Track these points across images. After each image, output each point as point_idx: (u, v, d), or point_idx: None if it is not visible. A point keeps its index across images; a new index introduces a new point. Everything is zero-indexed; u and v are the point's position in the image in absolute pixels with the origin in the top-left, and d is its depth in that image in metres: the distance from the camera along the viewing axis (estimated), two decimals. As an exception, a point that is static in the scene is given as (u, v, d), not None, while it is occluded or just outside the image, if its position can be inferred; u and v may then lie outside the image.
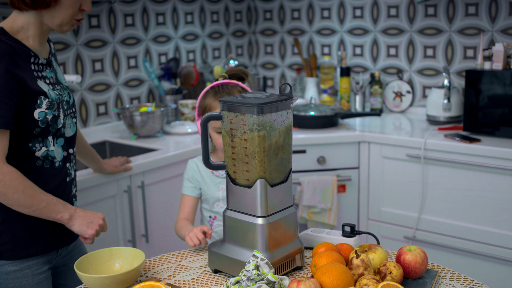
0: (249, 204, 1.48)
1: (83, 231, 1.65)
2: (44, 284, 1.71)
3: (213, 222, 1.95)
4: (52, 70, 1.69)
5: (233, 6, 3.78)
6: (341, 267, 1.36)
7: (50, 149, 1.66)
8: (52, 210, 1.61)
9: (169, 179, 2.58)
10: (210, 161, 1.53)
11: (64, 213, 1.63)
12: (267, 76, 3.91)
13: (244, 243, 1.49)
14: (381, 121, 3.19)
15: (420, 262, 1.44)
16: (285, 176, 1.51)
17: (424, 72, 3.32)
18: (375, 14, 3.42)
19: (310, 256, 1.64)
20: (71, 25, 1.66)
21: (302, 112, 3.04)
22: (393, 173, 2.85)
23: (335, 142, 2.92)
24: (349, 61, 3.57)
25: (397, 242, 2.87)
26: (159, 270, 1.58)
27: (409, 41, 3.33)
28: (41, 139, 1.63)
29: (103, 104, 3.09)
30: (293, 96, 1.47)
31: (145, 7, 3.23)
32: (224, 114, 1.47)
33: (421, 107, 3.35)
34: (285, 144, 1.49)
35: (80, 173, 2.25)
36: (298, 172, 2.92)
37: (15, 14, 1.62)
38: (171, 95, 3.22)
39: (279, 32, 3.82)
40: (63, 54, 2.87)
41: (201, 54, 3.60)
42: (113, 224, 2.39)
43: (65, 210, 1.63)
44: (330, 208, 2.90)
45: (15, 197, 1.55)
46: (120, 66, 3.15)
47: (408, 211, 2.83)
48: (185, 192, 1.94)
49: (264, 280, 1.35)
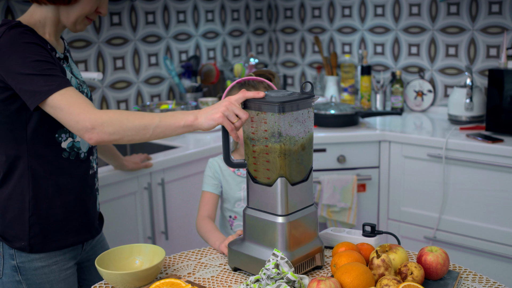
0: (269, 202, 1.47)
1: (211, 120, 1.45)
2: (70, 279, 1.73)
3: (233, 222, 1.95)
4: (68, 65, 1.70)
5: (254, 4, 3.78)
6: (361, 267, 1.35)
7: (76, 140, 1.67)
8: (171, 121, 1.48)
9: (189, 176, 2.59)
10: (230, 159, 1.53)
11: (187, 117, 1.47)
12: (287, 74, 3.91)
13: (264, 242, 1.49)
14: (402, 120, 3.16)
15: (442, 263, 1.43)
16: (306, 174, 1.51)
17: (446, 71, 3.29)
18: (396, 13, 3.40)
19: (330, 255, 1.63)
20: (84, 25, 1.67)
21: (322, 111, 3.03)
22: (414, 173, 2.82)
23: (356, 141, 2.90)
24: (370, 59, 3.55)
25: (417, 243, 2.85)
26: (179, 267, 1.58)
27: (431, 39, 3.30)
28: (67, 129, 1.64)
29: (124, 101, 3.11)
30: (314, 94, 1.47)
31: (166, 5, 3.24)
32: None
33: (443, 107, 3.32)
34: (306, 143, 1.48)
35: (101, 169, 2.27)
36: (318, 171, 2.91)
37: (33, 8, 1.63)
38: (191, 93, 3.23)
39: (300, 30, 3.81)
40: (84, 51, 2.90)
41: (222, 52, 3.60)
42: (133, 221, 2.41)
43: (187, 114, 1.48)
44: (350, 208, 2.89)
45: (126, 127, 1.47)
46: (141, 63, 3.17)
47: (429, 211, 2.81)
48: (206, 189, 1.93)
49: (284, 279, 1.35)
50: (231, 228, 1.96)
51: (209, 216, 1.88)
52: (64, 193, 1.67)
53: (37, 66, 1.49)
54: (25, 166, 1.62)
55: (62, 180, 1.66)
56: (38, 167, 1.62)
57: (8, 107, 1.57)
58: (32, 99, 1.49)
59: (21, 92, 1.50)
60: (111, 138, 1.48)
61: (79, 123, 1.47)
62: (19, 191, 1.63)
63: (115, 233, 2.32)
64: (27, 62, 1.49)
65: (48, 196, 1.64)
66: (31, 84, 1.48)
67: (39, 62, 1.50)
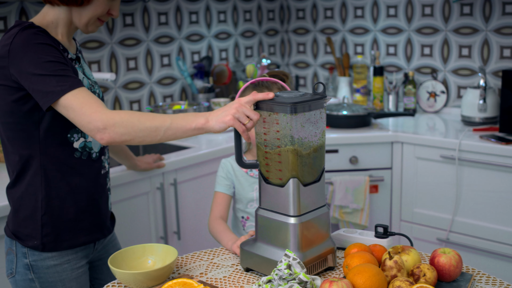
0: (281, 203, 1.47)
1: (221, 123, 1.46)
2: (82, 278, 1.74)
3: (245, 222, 1.95)
4: (80, 65, 1.72)
5: (266, 5, 3.78)
6: (374, 268, 1.35)
7: (88, 140, 1.69)
8: (182, 123, 1.49)
9: (201, 177, 2.59)
10: (243, 160, 1.53)
11: (198, 120, 1.48)
12: (299, 75, 3.91)
13: (276, 242, 1.49)
14: (414, 121, 3.15)
15: (455, 265, 1.42)
16: (318, 175, 1.51)
17: (459, 72, 3.27)
18: (409, 13, 3.39)
19: (342, 256, 1.63)
20: (96, 26, 1.69)
21: (334, 112, 3.03)
22: (427, 174, 2.81)
23: (368, 142, 2.90)
24: (383, 60, 3.54)
25: (430, 244, 2.84)
26: (191, 267, 1.59)
27: (444, 40, 3.29)
28: (79, 129, 1.65)
29: (136, 101, 3.12)
30: (326, 95, 1.47)
31: (178, 5, 3.25)
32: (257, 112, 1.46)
33: (456, 108, 3.30)
34: (318, 144, 1.48)
35: (114, 170, 2.28)
36: (330, 172, 2.91)
37: (46, 9, 1.65)
38: (203, 94, 3.23)
39: (312, 31, 3.81)
40: (97, 52, 2.91)
41: (234, 52, 3.60)
42: (146, 221, 2.42)
43: (198, 117, 1.49)
44: (362, 209, 2.88)
45: (138, 128, 1.49)
46: (153, 64, 3.18)
47: (442, 212, 2.79)
48: (219, 190, 1.94)
49: (296, 280, 1.35)
50: (244, 229, 1.97)
51: (222, 216, 1.88)
52: (76, 193, 1.68)
53: (50, 66, 1.51)
54: (37, 166, 1.63)
55: (74, 180, 1.67)
56: (51, 167, 1.64)
57: (21, 108, 1.58)
58: (45, 100, 1.50)
59: (34, 93, 1.51)
60: (122, 138, 1.49)
61: (91, 123, 1.48)
62: (32, 190, 1.64)
63: (128, 233, 2.33)
64: (40, 63, 1.50)
65: (60, 196, 1.66)
66: (44, 84, 1.49)
67: (52, 62, 1.51)
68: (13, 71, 1.52)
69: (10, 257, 1.69)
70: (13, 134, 1.62)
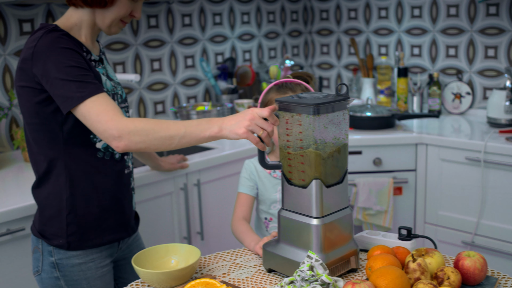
0: (304, 204, 1.47)
1: (234, 134, 1.47)
2: (106, 277, 1.76)
3: (268, 223, 1.95)
4: (103, 67, 1.74)
5: (290, 6, 3.78)
6: (397, 271, 1.34)
7: None
8: (196, 132, 1.51)
9: (224, 177, 2.60)
10: (265, 161, 1.53)
11: (211, 128, 1.50)
12: (323, 76, 3.90)
13: (298, 244, 1.49)
14: (439, 123, 3.12)
15: (480, 268, 1.40)
16: (341, 177, 1.50)
17: (485, 73, 3.24)
18: (434, 14, 3.36)
19: (365, 258, 1.62)
20: (119, 28, 1.71)
21: (358, 113, 3.01)
22: (452, 176, 2.78)
23: (392, 144, 2.88)
24: (407, 61, 3.51)
25: (454, 247, 2.81)
26: (214, 268, 1.59)
27: (469, 41, 3.25)
28: None
29: (160, 102, 3.15)
30: (349, 96, 1.46)
31: (202, 7, 3.27)
32: (279, 114, 1.47)
33: (482, 109, 3.26)
34: (341, 145, 1.48)
35: (138, 170, 2.30)
36: (354, 174, 2.90)
37: (70, 11, 1.68)
38: (227, 95, 3.25)
39: (336, 32, 3.80)
40: (122, 53, 2.94)
41: (257, 54, 3.61)
42: (169, 221, 2.43)
43: (211, 125, 1.50)
44: (386, 211, 2.86)
45: (152, 137, 1.51)
46: (177, 65, 3.20)
47: (467, 215, 2.76)
48: (242, 191, 1.94)
49: (319, 281, 1.34)
50: (267, 230, 1.97)
51: (245, 217, 1.88)
52: (100, 192, 1.70)
53: (71, 72, 1.53)
54: (62, 166, 1.65)
55: (97, 179, 1.69)
56: (75, 167, 1.66)
57: (45, 109, 1.61)
58: (65, 104, 1.53)
59: (55, 96, 1.55)
60: (137, 146, 1.52)
61: (107, 131, 1.50)
62: (57, 190, 1.67)
63: (152, 233, 2.35)
64: (62, 67, 1.53)
65: (85, 195, 1.68)
66: (64, 89, 1.52)
67: (73, 67, 1.54)
68: (36, 73, 1.55)
69: (36, 255, 1.72)
70: (38, 134, 1.65)
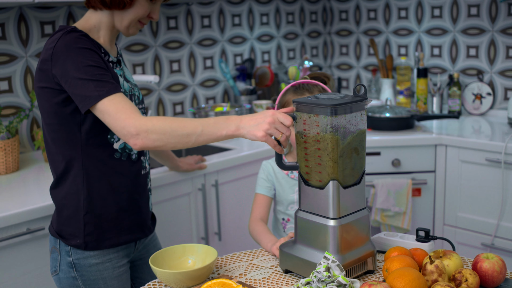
0: (321, 205, 1.47)
1: (252, 136, 1.48)
2: (123, 276, 1.77)
3: (286, 224, 1.95)
4: (121, 69, 1.75)
5: (309, 7, 3.77)
6: (414, 272, 1.33)
7: None
8: (213, 130, 1.51)
9: (242, 178, 2.61)
10: (282, 162, 1.53)
11: (229, 127, 1.50)
12: (342, 77, 3.88)
13: (315, 244, 1.48)
14: (459, 124, 3.09)
15: (498, 270, 1.39)
16: (358, 178, 1.50)
17: (506, 74, 3.20)
18: (454, 14, 3.33)
19: (382, 260, 1.61)
20: (137, 29, 1.73)
21: (377, 114, 3.00)
22: (471, 178, 2.76)
23: (411, 145, 2.86)
24: (427, 62, 3.48)
25: (474, 249, 2.78)
26: (231, 268, 1.60)
27: (490, 41, 3.22)
28: None
29: (179, 103, 3.16)
30: (367, 97, 1.45)
31: (221, 8, 3.28)
32: (297, 114, 1.47)
33: (503, 110, 3.23)
34: (359, 146, 1.47)
35: (156, 170, 2.31)
36: (372, 175, 2.88)
37: (89, 13, 1.70)
38: (245, 96, 3.25)
39: (355, 32, 3.78)
40: (142, 55, 2.96)
41: (276, 55, 3.61)
42: (187, 221, 2.44)
43: (229, 124, 1.50)
44: (405, 212, 2.84)
45: (170, 135, 1.52)
46: (196, 66, 3.21)
47: (487, 217, 2.74)
48: (260, 192, 1.94)
49: (335, 282, 1.34)
50: (284, 231, 1.97)
51: (262, 218, 1.89)
52: (117, 193, 1.71)
53: (90, 71, 1.55)
54: (79, 166, 1.67)
55: (114, 180, 1.71)
56: (92, 167, 1.68)
57: (63, 109, 1.63)
58: (83, 103, 1.54)
59: (73, 96, 1.56)
60: (154, 144, 1.52)
61: (125, 128, 1.51)
62: (74, 190, 1.68)
63: (169, 233, 2.36)
64: (81, 67, 1.55)
65: (102, 195, 1.69)
66: (83, 88, 1.54)
67: (92, 67, 1.56)
68: (56, 73, 1.57)
69: (54, 255, 1.74)
70: (56, 135, 1.66)
